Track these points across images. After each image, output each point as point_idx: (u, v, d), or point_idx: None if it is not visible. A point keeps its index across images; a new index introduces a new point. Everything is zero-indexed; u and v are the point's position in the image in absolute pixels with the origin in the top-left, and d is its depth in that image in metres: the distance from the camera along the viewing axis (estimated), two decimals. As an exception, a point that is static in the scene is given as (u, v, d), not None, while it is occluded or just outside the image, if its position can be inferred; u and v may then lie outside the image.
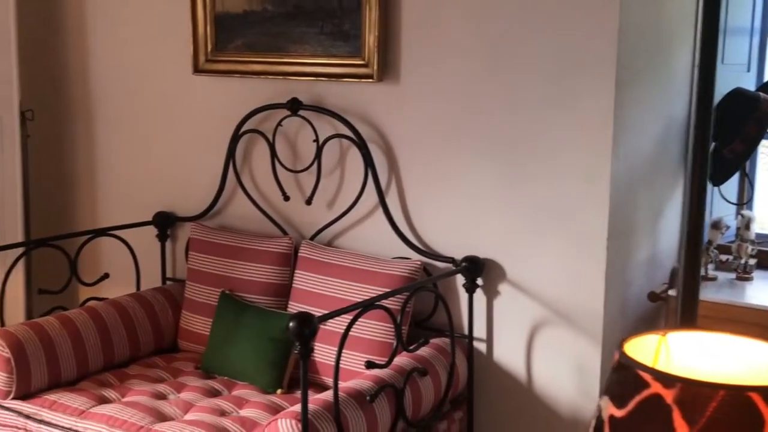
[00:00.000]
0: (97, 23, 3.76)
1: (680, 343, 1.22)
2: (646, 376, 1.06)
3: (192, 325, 3.32)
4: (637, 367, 1.07)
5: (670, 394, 1.04)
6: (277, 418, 2.39)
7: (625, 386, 1.08)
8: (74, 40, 3.84)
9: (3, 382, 2.86)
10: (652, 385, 1.05)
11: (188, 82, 3.51)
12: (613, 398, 1.09)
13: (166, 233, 3.63)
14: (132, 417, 2.70)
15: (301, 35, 3.20)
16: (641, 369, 1.07)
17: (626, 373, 1.09)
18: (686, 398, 1.04)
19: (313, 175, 3.22)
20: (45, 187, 3.96)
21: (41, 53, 3.91)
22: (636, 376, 1.06)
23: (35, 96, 3.83)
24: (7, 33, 3.61)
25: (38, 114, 3.80)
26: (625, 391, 1.08)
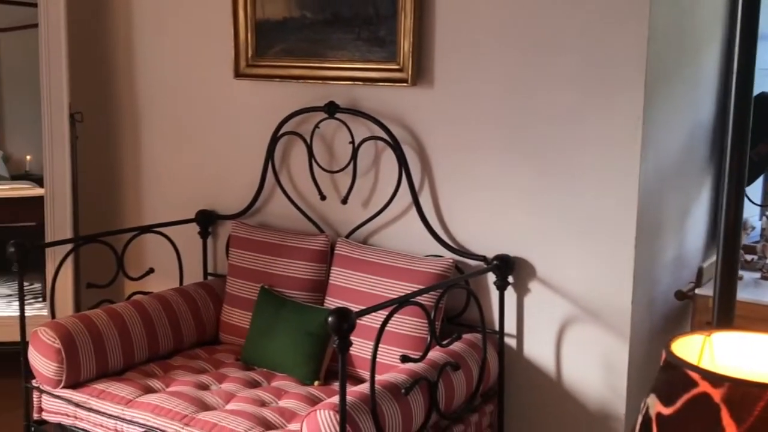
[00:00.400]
0: (144, 30, 3.76)
1: (724, 343, 1.17)
2: (695, 375, 1.02)
3: (232, 319, 3.30)
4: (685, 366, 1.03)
5: (718, 394, 1.00)
6: (315, 409, 2.36)
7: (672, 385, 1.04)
8: (121, 47, 3.84)
9: (54, 371, 2.85)
10: (700, 384, 1.01)
11: (230, 87, 3.49)
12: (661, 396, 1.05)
13: (208, 230, 3.62)
14: (176, 406, 2.69)
15: (339, 41, 3.17)
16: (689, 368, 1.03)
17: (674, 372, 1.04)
18: (734, 397, 1.00)
19: (348, 175, 3.19)
20: (93, 186, 3.97)
21: (90, 59, 3.92)
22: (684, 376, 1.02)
23: (84, 99, 3.84)
24: (58, 40, 3.63)
25: (87, 116, 3.80)
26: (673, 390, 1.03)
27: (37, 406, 2.95)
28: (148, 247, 3.68)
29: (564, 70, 2.75)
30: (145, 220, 3.82)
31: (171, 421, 2.64)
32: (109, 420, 2.75)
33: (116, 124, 3.90)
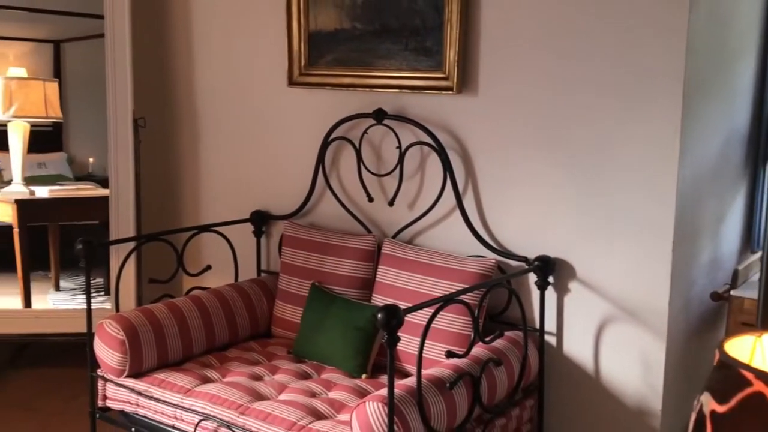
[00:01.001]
0: (203, 41, 3.78)
1: (774, 344, 1.14)
2: (749, 374, 0.98)
3: (284, 314, 3.30)
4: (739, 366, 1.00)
5: (773, 393, 0.97)
6: (364, 401, 2.34)
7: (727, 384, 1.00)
8: (182, 56, 3.86)
9: (118, 361, 2.87)
10: (754, 384, 0.98)
11: (283, 94, 3.49)
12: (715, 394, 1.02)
13: (262, 230, 3.63)
14: (232, 396, 2.69)
15: (387, 51, 3.15)
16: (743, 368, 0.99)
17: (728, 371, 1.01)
18: (788, 397, 0.96)
19: (395, 178, 3.17)
20: (154, 188, 3.99)
21: (152, 67, 3.95)
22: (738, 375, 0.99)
23: (147, 105, 3.86)
24: (123, 50, 3.66)
25: (149, 122, 3.82)
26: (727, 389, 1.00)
27: (102, 393, 2.97)
28: (205, 245, 3.69)
29: (604, 80, 2.71)
30: (202, 219, 3.84)
31: (227, 409, 2.64)
32: (169, 408, 2.76)
33: (176, 129, 3.93)
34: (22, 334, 3.77)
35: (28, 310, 3.99)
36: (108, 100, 3.69)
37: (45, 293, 4.47)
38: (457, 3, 2.93)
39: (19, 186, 4.44)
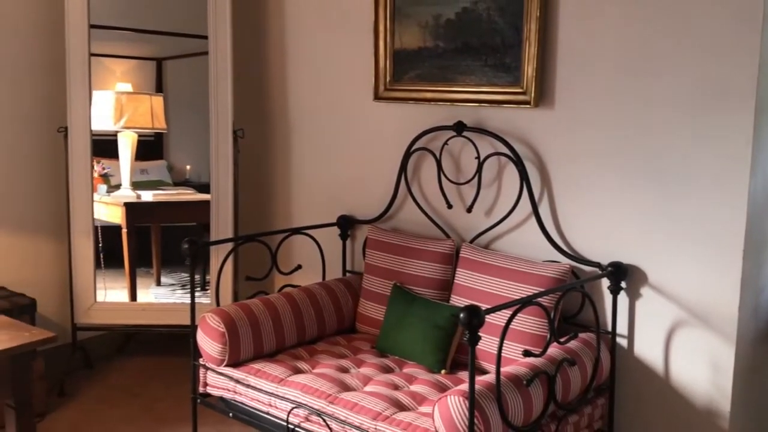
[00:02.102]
0: (296, 58, 3.85)
1: None
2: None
3: (368, 311, 3.33)
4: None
5: None
6: (446, 395, 2.34)
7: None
8: (277, 73, 3.94)
9: (218, 351, 2.94)
10: None
11: (369, 108, 3.53)
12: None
13: (347, 233, 3.67)
14: (322, 386, 2.72)
15: (468, 67, 3.15)
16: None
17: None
18: None
19: (473, 187, 3.17)
20: (250, 193, 4.07)
21: (251, 84, 4.03)
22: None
23: (245, 118, 3.95)
24: (225, 67, 3.73)
25: (247, 133, 3.91)
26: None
27: (203, 381, 3.03)
28: (296, 246, 3.75)
29: (678, 95, 2.65)
30: (293, 222, 3.91)
31: (317, 399, 2.67)
32: (264, 395, 2.81)
33: (271, 140, 4.01)
34: (130, 325, 3.88)
35: (134, 303, 4.11)
36: (210, 113, 3.77)
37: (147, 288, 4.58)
38: (535, 22, 2.92)
39: (128, 190, 4.58)
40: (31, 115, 3.77)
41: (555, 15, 2.91)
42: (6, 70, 3.66)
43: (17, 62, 3.70)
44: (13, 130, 3.72)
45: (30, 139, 3.78)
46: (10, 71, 3.68)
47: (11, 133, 3.71)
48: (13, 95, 3.69)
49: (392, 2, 3.34)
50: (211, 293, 3.81)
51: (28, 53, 3.73)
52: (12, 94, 3.69)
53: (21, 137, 3.75)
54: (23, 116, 3.75)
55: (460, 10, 3.15)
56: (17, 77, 3.71)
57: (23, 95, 3.74)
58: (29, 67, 3.74)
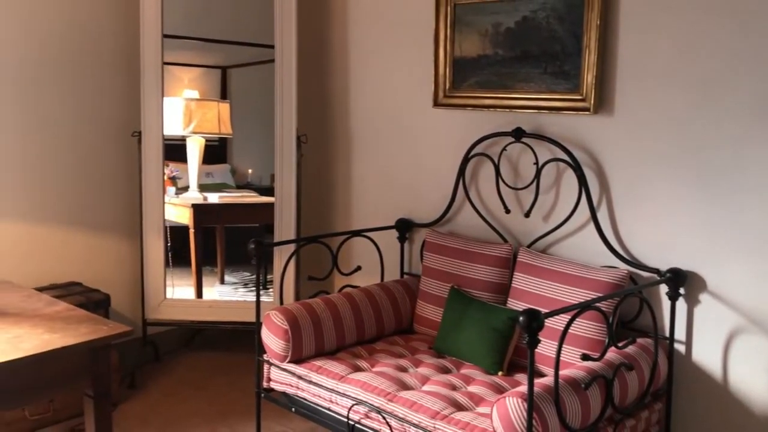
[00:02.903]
0: (357, 66, 3.87)
1: None
2: None
3: (425, 312, 3.32)
4: None
5: None
6: (505, 396, 2.32)
7: None
8: (339, 81, 3.96)
9: (281, 348, 2.96)
10: None
11: (428, 114, 3.52)
12: None
13: (405, 236, 3.66)
14: (381, 384, 2.72)
15: (527, 75, 3.12)
16: None
17: None
18: None
19: (531, 192, 3.14)
20: (311, 196, 4.11)
21: (314, 91, 4.06)
22: None
23: (308, 124, 3.98)
24: (290, 76, 3.77)
25: (310, 138, 3.94)
26: None
27: (267, 376, 3.06)
28: (356, 248, 3.76)
29: (743, 103, 2.58)
30: (352, 225, 3.92)
31: (377, 396, 2.67)
32: (325, 392, 2.82)
33: (332, 145, 4.03)
34: (197, 321, 3.95)
35: (201, 300, 4.17)
36: (276, 120, 3.81)
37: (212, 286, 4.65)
38: (595, 30, 2.87)
39: (195, 192, 4.66)
40: (108, 120, 3.86)
41: (615, 23, 2.87)
42: (87, 78, 3.76)
43: (97, 70, 3.80)
44: (92, 134, 3.82)
45: (106, 144, 3.87)
46: (90, 79, 3.78)
47: (90, 138, 3.81)
48: (92, 101, 3.79)
49: (453, 12, 3.33)
50: (274, 292, 3.85)
51: (107, 62, 3.83)
52: (91, 100, 3.79)
53: (98, 141, 3.85)
54: (101, 121, 3.84)
55: (520, 18, 3.12)
56: (96, 84, 3.80)
57: (102, 101, 3.83)
58: (107, 75, 3.84)
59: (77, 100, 3.73)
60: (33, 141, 3.60)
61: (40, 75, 3.58)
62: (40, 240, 3.65)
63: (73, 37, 3.68)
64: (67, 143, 3.72)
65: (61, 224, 3.73)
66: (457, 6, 3.32)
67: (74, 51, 3.69)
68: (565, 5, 2.97)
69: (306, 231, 3.97)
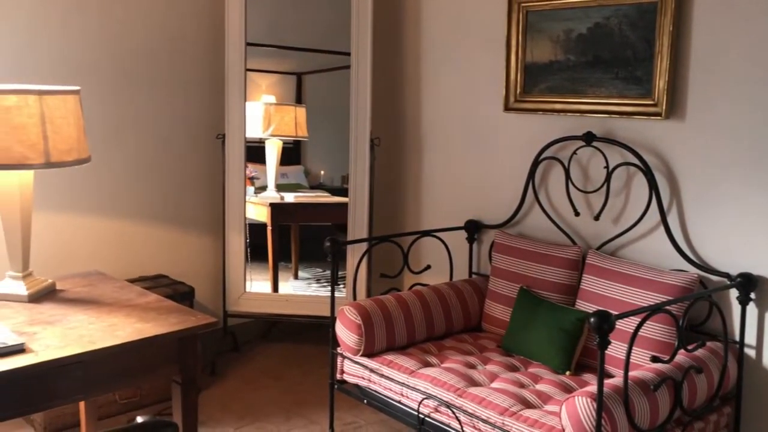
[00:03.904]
0: (429, 71, 3.87)
1: None
2: None
3: (494, 312, 3.30)
4: None
5: None
6: (574, 396, 2.29)
7: None
8: (412, 87, 3.98)
9: (355, 342, 2.99)
10: None
11: (499, 118, 3.50)
12: None
13: (474, 237, 3.65)
14: (450, 380, 2.73)
15: (598, 80, 3.08)
16: None
17: None
18: None
19: (601, 195, 3.09)
20: (383, 197, 4.13)
21: (387, 96, 4.09)
22: None
23: (381, 128, 4.01)
24: (365, 82, 3.80)
25: (383, 141, 3.97)
26: None
27: (340, 368, 3.09)
28: (425, 248, 3.76)
29: (818, 106, 2.49)
30: (422, 225, 3.93)
31: (447, 392, 2.68)
32: (396, 385, 2.84)
33: (404, 148, 4.05)
34: (274, 314, 4.02)
35: (277, 294, 4.25)
36: (350, 123, 3.85)
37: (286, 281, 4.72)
38: (668, 36, 2.81)
39: (272, 192, 4.75)
40: (194, 123, 3.98)
41: (687, 29, 2.80)
42: (176, 84, 3.88)
43: (185, 77, 3.91)
44: (180, 137, 3.93)
45: (193, 146, 3.99)
46: (179, 85, 3.89)
47: (178, 140, 3.93)
48: (180, 105, 3.91)
49: (524, 19, 3.30)
50: (347, 288, 3.89)
51: (194, 69, 3.94)
52: (179, 104, 3.91)
53: (186, 144, 3.96)
54: (188, 125, 3.96)
55: (592, 25, 3.08)
56: (184, 90, 3.92)
57: (189, 106, 3.95)
58: (194, 81, 3.95)
59: (167, 104, 3.86)
60: (126, 143, 3.73)
61: (133, 82, 3.71)
62: (130, 235, 3.78)
63: (163, 46, 3.80)
64: (158, 145, 3.84)
65: (150, 220, 3.86)
66: (529, 13, 3.29)
67: (165, 59, 3.81)
68: (638, 11, 2.91)
69: (377, 230, 4.00)
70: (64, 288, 2.57)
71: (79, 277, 2.71)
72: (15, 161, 2.28)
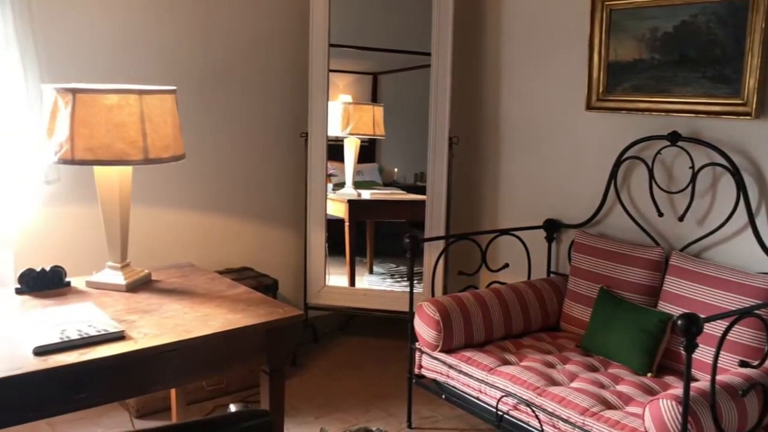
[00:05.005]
0: (509, 70, 3.83)
1: None
2: None
3: (573, 311, 3.24)
4: None
5: None
6: (658, 398, 2.23)
7: None
8: (490, 85, 3.94)
9: (433, 338, 2.98)
10: None
11: (580, 117, 3.43)
12: None
13: (553, 236, 3.59)
14: (529, 378, 2.69)
15: (684, 79, 2.98)
16: None
17: None
18: None
19: (686, 196, 2.99)
20: (460, 195, 4.11)
21: (466, 96, 4.06)
22: None
23: (460, 126, 3.99)
24: (444, 82, 3.77)
25: (461, 140, 3.94)
26: None
27: (418, 363, 3.09)
28: (503, 246, 3.72)
29: None
30: (499, 224, 3.89)
31: (526, 390, 2.64)
32: (475, 382, 2.82)
33: (482, 147, 4.01)
34: (352, 308, 4.05)
35: (356, 288, 4.28)
36: (429, 122, 3.84)
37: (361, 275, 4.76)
38: (760, 33, 2.70)
39: (350, 189, 4.79)
40: (279, 122, 4.04)
41: (782, 26, 2.68)
42: (261, 84, 3.95)
43: (270, 77, 3.98)
44: (265, 135, 4.01)
45: (278, 143, 4.05)
46: (264, 84, 3.96)
47: (263, 138, 4.00)
48: (265, 104, 3.98)
49: (608, 17, 3.23)
50: (424, 284, 3.88)
51: (278, 68, 4.00)
52: (265, 103, 3.98)
53: (270, 141, 4.03)
54: (273, 124, 4.03)
55: (679, 23, 2.98)
56: (270, 90, 3.99)
57: (273, 104, 4.02)
58: (278, 81, 4.02)
59: (254, 103, 3.93)
60: (215, 140, 3.83)
61: (222, 82, 3.80)
62: (218, 228, 3.88)
63: (249, 48, 3.87)
64: (244, 143, 3.93)
65: (236, 215, 3.94)
66: (613, 12, 3.21)
67: (252, 59, 3.89)
68: (728, 9, 2.80)
69: (455, 228, 3.98)
70: (159, 278, 2.65)
71: (173, 268, 2.80)
72: (116, 157, 2.36)
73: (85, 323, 2.09)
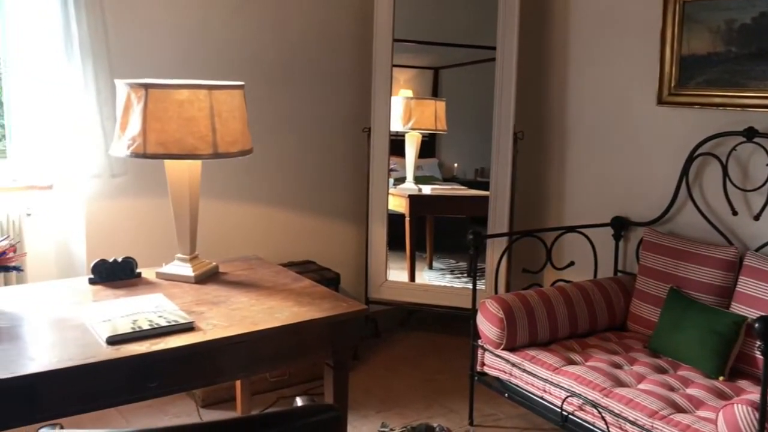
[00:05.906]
0: (576, 64, 3.75)
1: None
2: None
3: (640, 311, 3.15)
4: None
5: None
6: (732, 403, 2.15)
7: None
8: (557, 79, 3.86)
9: (496, 335, 2.95)
10: None
11: (650, 112, 3.33)
12: None
13: (620, 234, 3.50)
14: (595, 379, 2.63)
15: (763, 73, 2.86)
16: None
17: None
18: None
19: (762, 194, 2.87)
20: (525, 191, 4.05)
21: (531, 91, 4.00)
22: None
23: (525, 121, 3.92)
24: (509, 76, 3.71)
25: (526, 135, 3.88)
26: None
27: (481, 360, 3.06)
28: (568, 244, 3.65)
29: None
30: (564, 221, 3.82)
31: (592, 390, 2.59)
32: (539, 381, 2.78)
33: (547, 142, 3.94)
34: (413, 303, 4.04)
35: (417, 283, 4.26)
36: (494, 116, 3.79)
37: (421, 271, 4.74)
38: None
39: (411, 184, 4.77)
40: (342, 117, 4.05)
41: None
42: (326, 79, 3.97)
43: (334, 72, 3.99)
44: (328, 130, 4.02)
45: (341, 138, 4.07)
46: (329, 80, 3.98)
47: (326, 133, 4.02)
48: (330, 99, 4.00)
49: (681, 9, 3.12)
50: (487, 281, 3.84)
51: (343, 63, 4.01)
52: (329, 98, 4.00)
53: (334, 136, 4.05)
54: (336, 119, 4.04)
55: (757, 14, 2.86)
56: (334, 85, 4.00)
57: (337, 99, 4.03)
58: (343, 76, 4.03)
59: (319, 98, 3.95)
60: (280, 135, 3.86)
61: (287, 77, 3.83)
62: (282, 222, 3.92)
63: (316, 41, 3.89)
64: (308, 137, 3.95)
65: (299, 209, 3.98)
66: (686, 4, 3.11)
67: (317, 54, 3.91)
68: (812, -2, 2.68)
69: (518, 225, 3.92)
70: (226, 271, 2.68)
71: (239, 260, 2.83)
72: (186, 151, 2.39)
73: (155, 314, 2.13)
